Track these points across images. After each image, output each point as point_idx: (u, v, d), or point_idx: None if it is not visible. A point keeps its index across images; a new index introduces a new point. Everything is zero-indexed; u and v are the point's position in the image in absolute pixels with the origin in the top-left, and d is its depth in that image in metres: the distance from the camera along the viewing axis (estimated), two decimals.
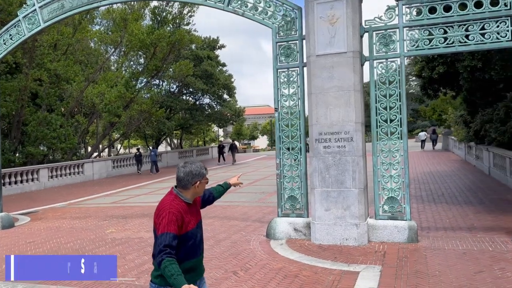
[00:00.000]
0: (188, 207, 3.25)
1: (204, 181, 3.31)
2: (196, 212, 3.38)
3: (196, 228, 3.28)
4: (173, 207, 3.12)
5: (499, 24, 7.60)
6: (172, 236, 3.01)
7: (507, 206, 10.92)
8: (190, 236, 3.19)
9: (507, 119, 14.76)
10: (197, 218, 3.34)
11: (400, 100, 8.10)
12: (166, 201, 3.19)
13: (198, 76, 29.69)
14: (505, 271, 6.12)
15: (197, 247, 3.27)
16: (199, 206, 3.51)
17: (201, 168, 3.29)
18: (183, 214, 3.15)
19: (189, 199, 3.27)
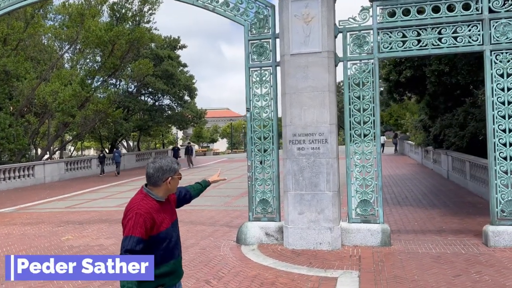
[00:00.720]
0: (161, 206, 2.99)
1: (176, 176, 3.06)
2: (171, 211, 3.14)
3: (171, 227, 3.04)
4: (141, 208, 2.86)
5: (471, 28, 7.66)
6: (135, 240, 2.77)
7: (470, 208, 11.14)
8: (163, 237, 2.95)
9: (466, 124, 15.19)
10: (172, 217, 3.09)
11: (374, 102, 7.99)
12: (134, 201, 2.95)
13: (158, 76, 28.83)
14: (482, 275, 6.09)
15: (173, 248, 3.03)
16: (174, 205, 3.28)
17: (172, 163, 3.05)
18: (153, 214, 2.89)
19: (161, 197, 3.02)
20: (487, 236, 7.56)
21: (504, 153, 7.54)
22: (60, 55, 25.20)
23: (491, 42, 7.57)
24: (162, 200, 3.02)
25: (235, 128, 64.08)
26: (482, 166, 12.79)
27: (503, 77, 7.56)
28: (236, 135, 66.39)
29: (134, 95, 30.74)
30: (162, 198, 3.02)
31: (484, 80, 7.76)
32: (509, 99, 7.53)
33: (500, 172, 7.56)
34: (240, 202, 13.66)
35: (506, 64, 7.54)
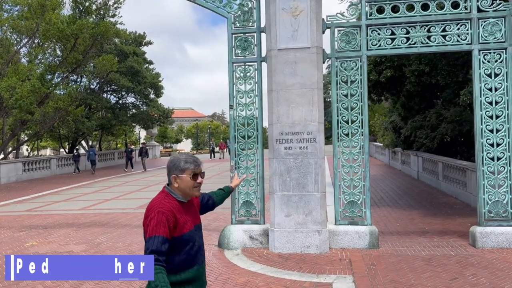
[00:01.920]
0: (183, 207, 2.79)
1: (185, 175, 2.78)
2: (194, 214, 2.92)
3: (194, 230, 2.82)
4: (163, 206, 2.67)
5: (459, 26, 7.58)
6: (161, 240, 2.57)
7: (448, 209, 11.18)
8: (187, 239, 2.72)
9: (437, 126, 15.38)
10: (194, 220, 2.87)
11: (362, 101, 7.77)
12: (156, 200, 2.76)
13: (123, 73, 27.71)
14: (478, 277, 5.95)
15: (197, 253, 2.79)
16: (197, 209, 3.07)
17: (179, 161, 2.81)
18: (175, 213, 2.69)
19: (181, 197, 2.81)
20: (474, 237, 7.49)
21: (491, 153, 7.50)
22: (18, 48, 23.72)
23: (479, 42, 7.52)
24: (184, 201, 2.82)
25: (200, 129, 63.16)
26: (456, 167, 12.93)
27: (491, 77, 7.52)
28: (201, 135, 65.46)
29: (97, 92, 29.45)
30: (183, 199, 2.82)
31: (472, 80, 7.71)
32: (497, 99, 7.49)
33: (488, 172, 7.51)
34: None
35: (494, 64, 7.51)
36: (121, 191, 17.18)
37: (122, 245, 8.22)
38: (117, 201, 14.52)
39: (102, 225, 10.29)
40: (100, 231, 9.54)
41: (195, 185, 2.81)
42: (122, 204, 13.75)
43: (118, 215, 11.66)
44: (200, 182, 2.83)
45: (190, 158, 2.84)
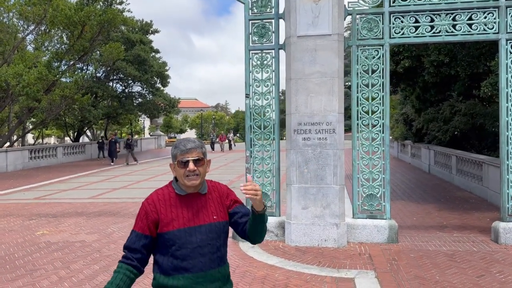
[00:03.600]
0: (180, 200, 2.34)
1: (176, 163, 2.34)
2: (200, 211, 2.34)
3: (187, 230, 2.29)
4: (149, 198, 2.40)
5: (486, 15, 7.30)
6: (134, 236, 2.34)
7: (464, 204, 10.96)
8: (169, 239, 2.28)
9: (451, 118, 15.10)
10: (195, 219, 2.32)
11: (384, 91, 7.53)
12: (155, 190, 2.47)
13: (129, 61, 27.42)
14: (506, 275, 5.75)
15: (188, 258, 2.28)
16: (221, 208, 2.41)
17: (173, 146, 2.39)
18: (161, 206, 2.32)
19: (179, 188, 2.37)
20: (497, 233, 7.27)
21: None
22: (25, 35, 23.49)
23: (507, 31, 7.23)
24: (181, 194, 2.35)
25: (204, 119, 62.96)
26: (471, 161, 12.68)
27: None
28: (205, 126, 65.29)
29: (103, 80, 29.21)
30: (181, 191, 2.35)
31: (499, 70, 7.44)
32: None
33: None
34: None
35: None
36: (129, 180, 17.04)
37: None
38: (126, 191, 14.38)
39: (112, 214, 10.14)
40: (111, 221, 9.39)
41: (186, 174, 2.29)
42: (131, 193, 13.60)
43: (127, 204, 11.51)
44: (191, 169, 2.27)
45: (182, 142, 2.37)
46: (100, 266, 6.23)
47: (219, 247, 2.37)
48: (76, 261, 6.49)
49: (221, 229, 2.38)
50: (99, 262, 6.44)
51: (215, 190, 2.46)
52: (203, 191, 2.40)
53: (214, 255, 2.34)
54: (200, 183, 2.36)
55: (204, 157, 2.38)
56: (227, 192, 2.50)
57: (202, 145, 2.41)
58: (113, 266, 6.23)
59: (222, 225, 2.39)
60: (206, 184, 2.44)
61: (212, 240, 2.34)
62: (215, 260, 2.34)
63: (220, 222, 2.39)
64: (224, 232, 2.41)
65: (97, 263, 6.37)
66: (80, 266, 6.28)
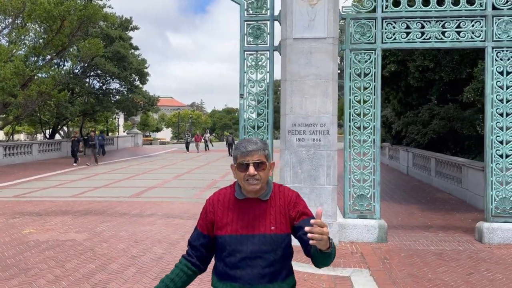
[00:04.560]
0: (238, 204, 2.20)
1: (236, 165, 2.18)
2: (258, 220, 2.16)
3: (240, 238, 2.14)
4: (212, 197, 2.33)
5: (474, 23, 7.59)
6: (196, 234, 2.30)
7: (444, 205, 11.33)
8: (221, 243, 2.17)
9: (430, 122, 15.56)
10: (251, 228, 2.15)
11: (375, 94, 7.74)
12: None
13: (108, 57, 26.99)
14: (493, 273, 6.01)
15: (236, 267, 2.13)
16: (282, 218, 2.19)
17: (237, 147, 2.19)
18: (218, 208, 2.22)
19: (240, 191, 2.21)
20: (481, 233, 7.58)
21: (500, 150, 7.59)
22: (1, 28, 22.79)
23: (493, 39, 7.55)
24: (239, 198, 2.20)
25: (181, 118, 62.49)
26: (451, 164, 13.10)
27: (502, 75, 7.57)
28: (182, 125, 64.79)
29: (80, 77, 28.63)
30: (240, 195, 2.21)
31: (485, 77, 7.76)
32: (508, 97, 7.56)
33: (496, 169, 7.60)
34: (210, 194, 12.97)
35: (506, 62, 7.56)
36: (110, 179, 16.80)
37: (125, 234, 7.99)
38: (108, 189, 14.18)
39: (98, 213, 10.01)
40: (98, 220, 9.27)
41: (246, 178, 2.13)
42: (114, 192, 13.42)
43: (112, 203, 11.37)
44: (251, 173, 2.11)
45: (243, 143, 2.18)
46: (96, 265, 6.17)
47: (273, 261, 2.14)
48: (70, 260, 6.40)
49: (278, 242, 2.15)
50: (94, 261, 6.37)
51: (282, 197, 2.23)
52: (264, 197, 2.20)
53: (266, 270, 2.12)
54: (260, 188, 2.17)
55: (267, 160, 2.19)
56: (295, 201, 2.24)
57: (265, 147, 2.20)
58: (108, 265, 6.20)
59: (280, 237, 2.16)
60: (270, 190, 2.24)
61: (265, 253, 2.13)
62: (266, 276, 2.13)
63: (278, 234, 2.16)
64: (282, 246, 2.17)
65: (92, 262, 6.30)
66: (75, 265, 6.20)
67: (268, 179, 2.23)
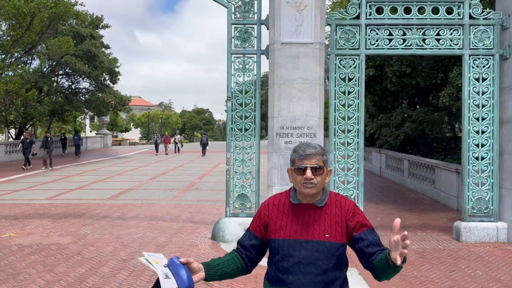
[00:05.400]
0: (293, 209, 2.20)
1: (293, 168, 2.18)
2: (311, 226, 2.15)
3: (293, 242, 2.14)
4: (267, 200, 2.34)
5: (452, 31, 7.95)
6: (247, 234, 2.31)
7: (419, 205, 11.75)
8: (274, 247, 2.18)
9: (402, 125, 16.07)
10: (303, 233, 2.15)
11: (359, 98, 7.96)
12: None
13: (78, 56, 26.34)
14: (473, 269, 6.33)
15: (288, 272, 2.12)
16: (337, 226, 2.16)
17: (296, 150, 2.20)
18: (273, 211, 2.24)
19: (295, 196, 2.21)
20: (459, 232, 7.94)
21: (476, 153, 7.97)
22: None
23: (470, 47, 7.93)
24: (295, 202, 2.21)
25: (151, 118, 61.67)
26: (424, 165, 13.59)
27: (478, 81, 7.96)
28: (152, 125, 63.94)
29: (48, 75, 27.78)
30: (295, 199, 2.21)
31: (462, 83, 8.13)
32: (483, 103, 7.95)
33: (472, 171, 7.97)
34: (190, 196, 13.01)
35: (482, 69, 7.95)
36: (83, 181, 16.44)
37: (110, 237, 7.90)
38: (84, 191, 13.89)
39: (78, 216, 9.82)
40: (79, 223, 9.10)
41: (303, 181, 2.13)
42: (90, 194, 13.17)
43: (90, 206, 11.17)
44: (308, 177, 2.10)
45: (302, 147, 2.18)
46: (86, 269, 6.09)
47: (326, 270, 2.11)
48: (58, 264, 6.29)
49: (332, 250, 2.13)
50: (83, 264, 6.28)
51: (338, 206, 2.21)
52: (320, 203, 2.19)
53: (318, 278, 2.10)
54: (316, 193, 2.17)
55: (325, 166, 2.17)
56: (353, 211, 2.20)
57: (324, 152, 2.20)
58: (99, 268, 6.13)
59: (335, 246, 2.13)
60: (326, 196, 2.22)
61: (318, 260, 2.11)
62: (319, 284, 2.10)
63: (332, 242, 2.13)
64: (336, 255, 2.14)
65: (82, 266, 6.22)
66: (64, 269, 6.10)
67: (324, 186, 2.22)
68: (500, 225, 7.83)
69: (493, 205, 7.91)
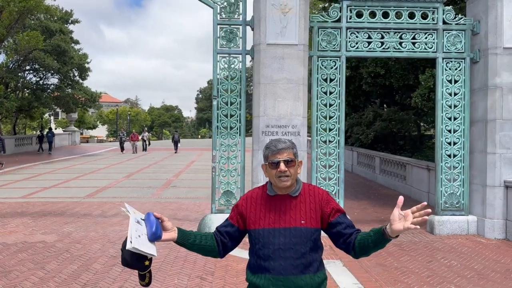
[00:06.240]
0: (270, 200, 2.36)
1: (267, 164, 2.36)
2: (289, 213, 2.32)
3: (272, 231, 2.31)
4: (246, 193, 2.53)
5: (427, 36, 8.41)
6: (224, 221, 2.50)
7: (392, 200, 12.25)
8: (254, 237, 2.35)
9: (373, 123, 16.65)
10: (281, 221, 2.32)
11: (340, 98, 8.30)
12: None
13: (48, 51, 25.66)
14: (449, 260, 6.78)
15: (269, 259, 2.29)
16: (312, 213, 2.34)
17: (268, 146, 2.37)
18: (251, 203, 2.40)
19: (271, 189, 2.38)
20: (432, 225, 8.42)
21: (449, 151, 8.47)
22: None
23: (443, 51, 8.41)
24: (271, 194, 2.37)
25: (119, 115, 60.64)
26: (395, 162, 14.16)
27: (451, 83, 8.46)
28: (120, 122, 62.86)
29: (15, 71, 26.91)
30: (271, 191, 2.38)
31: (436, 84, 8.60)
32: (455, 103, 8.46)
33: (445, 168, 8.47)
34: (168, 193, 13.07)
35: (454, 71, 8.45)
36: (57, 179, 16.16)
37: (96, 234, 7.92)
38: (59, 190, 13.69)
39: (59, 214, 9.74)
40: (61, 221, 9.04)
41: (278, 175, 2.29)
42: (67, 192, 13.01)
43: (69, 204, 11.07)
44: (282, 170, 2.27)
45: (273, 143, 2.36)
46: (78, 266, 6.13)
47: (304, 253, 2.29)
48: (48, 262, 6.29)
49: (308, 235, 2.31)
50: (74, 262, 6.32)
51: (312, 195, 2.39)
52: (294, 193, 2.36)
53: (298, 261, 2.27)
54: (291, 185, 2.34)
55: (296, 158, 2.36)
56: (327, 198, 2.40)
57: (294, 146, 2.39)
58: (91, 265, 6.19)
59: (310, 231, 2.32)
60: (300, 187, 2.40)
61: (296, 245, 2.28)
62: (298, 266, 2.28)
63: (308, 228, 2.31)
64: (311, 239, 2.32)
65: (73, 263, 6.25)
66: (56, 266, 6.12)
67: (297, 177, 2.41)
68: (470, 218, 8.36)
69: (464, 200, 8.44)
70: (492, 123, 8.09)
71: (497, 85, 8.04)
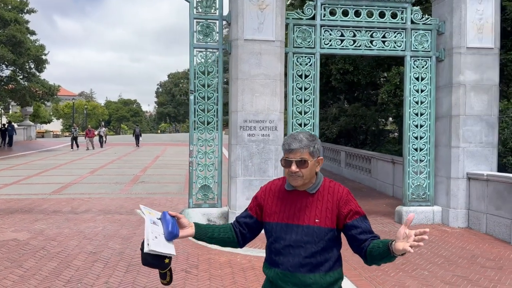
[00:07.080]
0: (288, 195, 2.32)
1: (282, 160, 2.29)
2: (304, 211, 2.27)
3: (284, 227, 2.27)
4: (265, 184, 2.51)
5: (396, 34, 8.78)
6: (244, 212, 2.50)
7: (358, 193, 12.71)
8: (268, 230, 2.35)
9: (338, 118, 17.11)
10: (294, 218, 2.27)
11: (314, 94, 8.54)
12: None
13: (2, 42, 24.41)
14: (419, 248, 7.12)
15: (279, 254, 2.28)
16: (328, 212, 2.26)
17: (284, 142, 2.30)
18: (269, 196, 2.39)
19: (289, 184, 2.32)
20: (400, 215, 8.84)
21: (415, 145, 8.90)
22: None
23: (411, 49, 8.81)
24: (288, 189, 2.33)
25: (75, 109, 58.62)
26: (360, 156, 14.65)
27: (418, 80, 8.88)
28: (76, 116, 60.78)
29: None
30: (289, 186, 2.32)
31: (404, 81, 9.01)
32: (422, 100, 8.89)
33: (412, 161, 8.90)
34: (137, 189, 12.91)
35: (421, 69, 8.88)
36: (17, 175, 15.53)
37: (70, 231, 7.76)
38: (21, 186, 13.19)
39: (26, 211, 9.43)
40: (30, 218, 8.77)
41: (289, 174, 2.25)
42: (30, 189, 12.56)
43: (35, 200, 10.72)
44: (292, 171, 2.21)
45: (288, 140, 2.27)
46: (57, 263, 6.01)
47: (314, 253, 2.23)
48: (25, 260, 6.12)
49: (321, 235, 2.23)
50: (52, 259, 6.19)
51: (331, 193, 2.29)
52: (312, 190, 2.29)
53: (307, 260, 2.22)
54: (304, 184, 2.27)
55: (312, 157, 2.24)
56: (346, 198, 2.28)
57: (310, 144, 2.23)
58: (71, 262, 6.09)
59: (323, 231, 2.23)
60: (319, 184, 2.31)
61: (307, 243, 2.23)
62: (307, 265, 2.23)
63: (321, 227, 2.23)
64: (325, 239, 2.24)
65: (52, 260, 6.12)
66: (34, 264, 5.97)
67: (317, 174, 2.32)
68: (435, 208, 8.85)
69: (429, 191, 8.91)
70: (456, 118, 8.57)
71: (460, 82, 8.53)
